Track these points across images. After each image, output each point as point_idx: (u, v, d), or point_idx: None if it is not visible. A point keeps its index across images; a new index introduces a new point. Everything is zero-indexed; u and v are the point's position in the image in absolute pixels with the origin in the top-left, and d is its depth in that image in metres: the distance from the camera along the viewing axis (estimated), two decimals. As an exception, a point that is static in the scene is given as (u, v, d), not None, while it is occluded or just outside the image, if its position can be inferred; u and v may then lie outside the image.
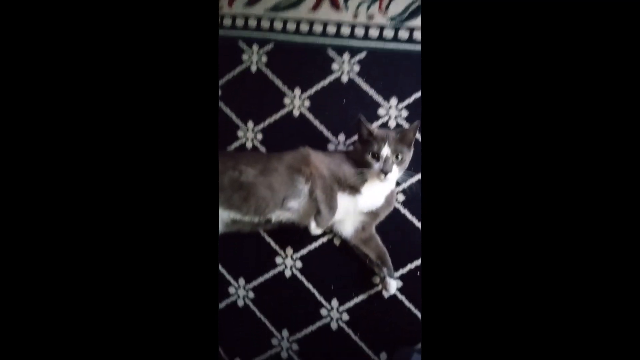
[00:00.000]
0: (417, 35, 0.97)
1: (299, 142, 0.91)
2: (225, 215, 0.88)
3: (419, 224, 0.92)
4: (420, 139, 0.90)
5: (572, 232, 0.42)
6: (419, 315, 0.90)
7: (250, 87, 1.04)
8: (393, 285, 0.87)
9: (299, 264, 0.96)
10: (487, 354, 0.43)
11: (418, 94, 0.95)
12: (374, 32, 1.00)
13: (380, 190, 0.87)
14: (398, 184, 0.92)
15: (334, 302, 0.94)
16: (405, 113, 0.96)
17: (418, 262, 0.91)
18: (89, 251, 0.44)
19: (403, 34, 0.99)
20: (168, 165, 0.47)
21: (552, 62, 0.44)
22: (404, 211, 0.93)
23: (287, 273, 0.97)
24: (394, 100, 0.97)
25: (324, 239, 0.95)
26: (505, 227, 0.44)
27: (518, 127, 0.44)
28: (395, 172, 0.82)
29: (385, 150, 0.81)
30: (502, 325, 0.43)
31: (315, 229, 0.83)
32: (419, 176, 0.92)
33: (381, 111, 0.97)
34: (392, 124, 0.96)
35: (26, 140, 0.44)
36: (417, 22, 0.97)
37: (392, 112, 0.97)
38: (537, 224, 0.43)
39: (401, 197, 0.94)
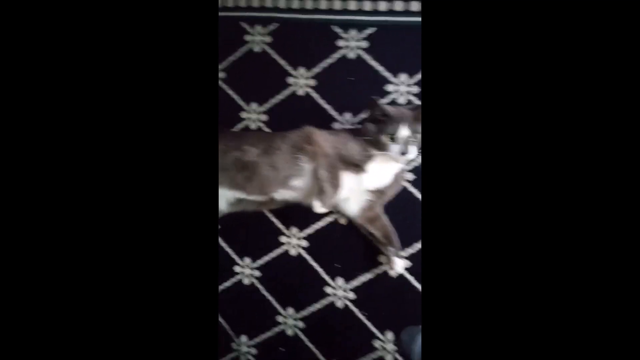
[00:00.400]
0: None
1: (304, 122, 0.88)
2: (229, 195, 0.88)
3: (427, 203, 0.89)
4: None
5: (572, 212, 0.40)
6: (426, 295, 0.88)
7: (254, 68, 1.02)
8: (400, 264, 0.85)
9: (304, 243, 0.96)
10: (487, 337, 0.42)
11: (428, 69, 0.91)
12: (382, 6, 0.96)
13: (387, 169, 0.84)
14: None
15: (340, 281, 0.93)
16: (416, 89, 0.92)
17: (426, 242, 0.89)
18: (88, 233, 0.44)
19: (415, 6, 0.94)
20: (167, 147, 0.46)
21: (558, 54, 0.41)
22: (413, 190, 0.90)
23: (293, 252, 0.96)
24: (404, 77, 0.93)
25: (330, 218, 0.94)
26: (508, 211, 0.42)
27: (521, 108, 0.41)
28: (414, 153, 0.78)
29: (404, 132, 0.77)
30: (503, 309, 0.41)
31: (319, 208, 0.81)
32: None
33: (390, 87, 0.94)
34: (401, 100, 0.93)
35: (20, 123, 0.43)
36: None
37: (402, 88, 0.93)
38: (539, 213, 0.41)
39: (410, 176, 0.91)
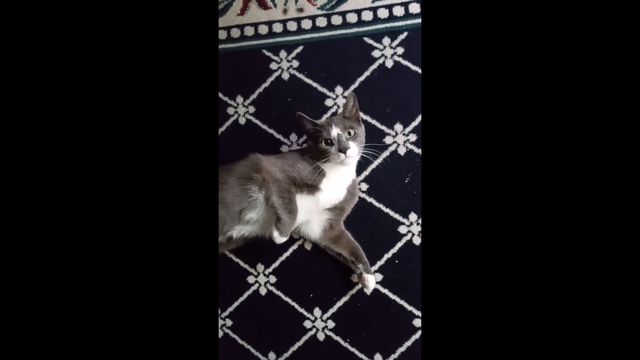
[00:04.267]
0: (351, 18, 0.94)
1: (250, 150, 0.85)
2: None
3: (387, 210, 0.87)
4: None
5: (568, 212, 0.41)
6: (407, 305, 0.84)
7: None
8: (372, 281, 0.81)
9: (272, 279, 0.90)
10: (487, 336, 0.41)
11: (362, 78, 0.92)
12: (306, 24, 0.97)
13: (341, 182, 0.82)
14: (359, 170, 0.87)
15: (317, 311, 0.87)
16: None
17: (395, 250, 0.86)
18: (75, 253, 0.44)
19: (336, 20, 0.95)
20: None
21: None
22: (370, 200, 0.88)
23: (262, 291, 0.90)
24: (339, 89, 0.93)
25: (294, 246, 0.89)
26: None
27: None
28: (354, 148, 0.78)
29: (335, 131, 0.78)
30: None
31: (278, 238, 0.76)
32: (379, 160, 0.88)
33: (328, 102, 0.93)
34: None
35: (26, 143, 0.44)
36: (348, 5, 0.95)
37: (339, 100, 0.92)
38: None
39: (365, 186, 0.89)
